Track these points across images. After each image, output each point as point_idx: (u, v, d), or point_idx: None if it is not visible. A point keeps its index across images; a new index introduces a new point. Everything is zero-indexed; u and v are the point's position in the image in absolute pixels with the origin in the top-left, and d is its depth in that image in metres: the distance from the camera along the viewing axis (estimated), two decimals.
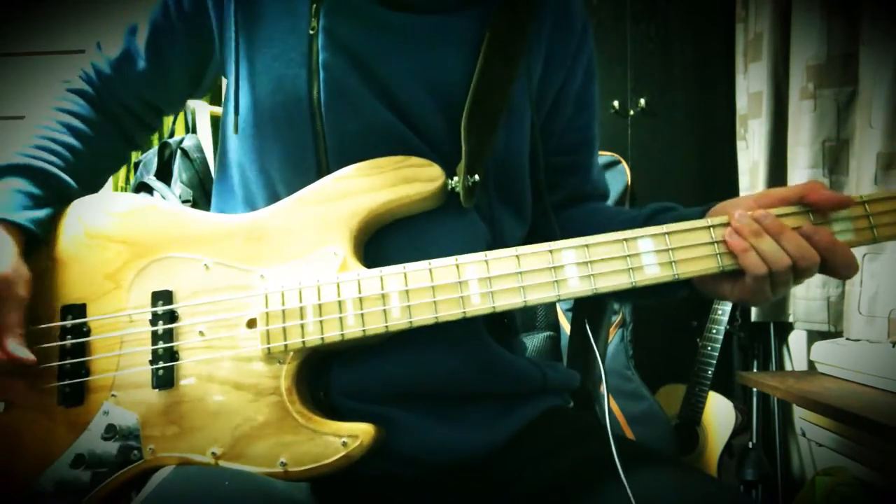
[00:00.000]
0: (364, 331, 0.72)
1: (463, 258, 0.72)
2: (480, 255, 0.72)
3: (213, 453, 0.72)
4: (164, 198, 1.27)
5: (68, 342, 0.77)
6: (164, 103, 0.94)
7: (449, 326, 0.76)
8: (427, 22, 0.81)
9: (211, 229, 0.79)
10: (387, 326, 0.72)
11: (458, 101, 0.79)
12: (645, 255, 0.71)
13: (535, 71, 0.84)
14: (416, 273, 0.72)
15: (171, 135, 1.53)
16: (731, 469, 2.02)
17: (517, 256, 0.72)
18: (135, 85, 0.90)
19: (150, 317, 0.76)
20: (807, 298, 1.95)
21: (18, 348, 0.74)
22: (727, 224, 0.71)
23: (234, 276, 0.76)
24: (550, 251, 0.72)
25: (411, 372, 0.77)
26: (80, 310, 0.78)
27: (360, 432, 0.71)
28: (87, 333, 0.77)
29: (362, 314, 0.72)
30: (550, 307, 1.45)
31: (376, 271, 0.73)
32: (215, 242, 0.78)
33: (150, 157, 1.38)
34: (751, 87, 2.18)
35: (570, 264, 0.71)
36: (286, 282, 0.74)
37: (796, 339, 2.15)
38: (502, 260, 0.72)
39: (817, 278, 1.92)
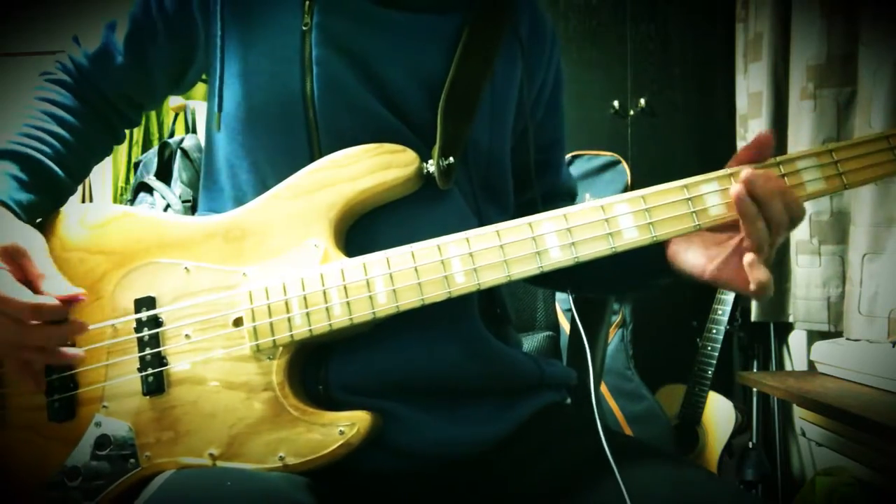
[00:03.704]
0: (351, 319, 0.72)
1: (444, 239, 0.73)
2: (461, 235, 0.73)
3: (211, 454, 0.72)
4: (164, 198, 1.27)
5: None
6: (144, 99, 0.94)
7: (445, 317, 0.77)
8: (415, 19, 0.83)
9: (189, 233, 0.79)
10: (374, 313, 0.72)
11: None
12: (622, 219, 0.72)
13: (515, 77, 0.88)
14: (399, 257, 0.73)
15: (171, 135, 1.53)
16: (731, 469, 2.02)
17: (497, 232, 0.73)
18: (113, 79, 0.89)
19: (134, 324, 0.76)
20: (807, 298, 1.94)
21: (65, 285, 0.73)
22: (699, 183, 0.71)
23: (216, 277, 0.76)
24: (530, 224, 0.73)
25: (410, 364, 0.77)
26: None
27: (357, 420, 0.71)
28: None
29: (348, 302, 0.72)
30: (550, 307, 1.45)
31: (358, 259, 0.73)
32: (194, 245, 0.78)
33: (151, 157, 1.38)
34: (751, 87, 2.18)
35: (549, 234, 0.72)
36: (269, 277, 0.74)
37: (796, 339, 2.15)
38: (483, 237, 0.73)
39: (818, 278, 1.92)
